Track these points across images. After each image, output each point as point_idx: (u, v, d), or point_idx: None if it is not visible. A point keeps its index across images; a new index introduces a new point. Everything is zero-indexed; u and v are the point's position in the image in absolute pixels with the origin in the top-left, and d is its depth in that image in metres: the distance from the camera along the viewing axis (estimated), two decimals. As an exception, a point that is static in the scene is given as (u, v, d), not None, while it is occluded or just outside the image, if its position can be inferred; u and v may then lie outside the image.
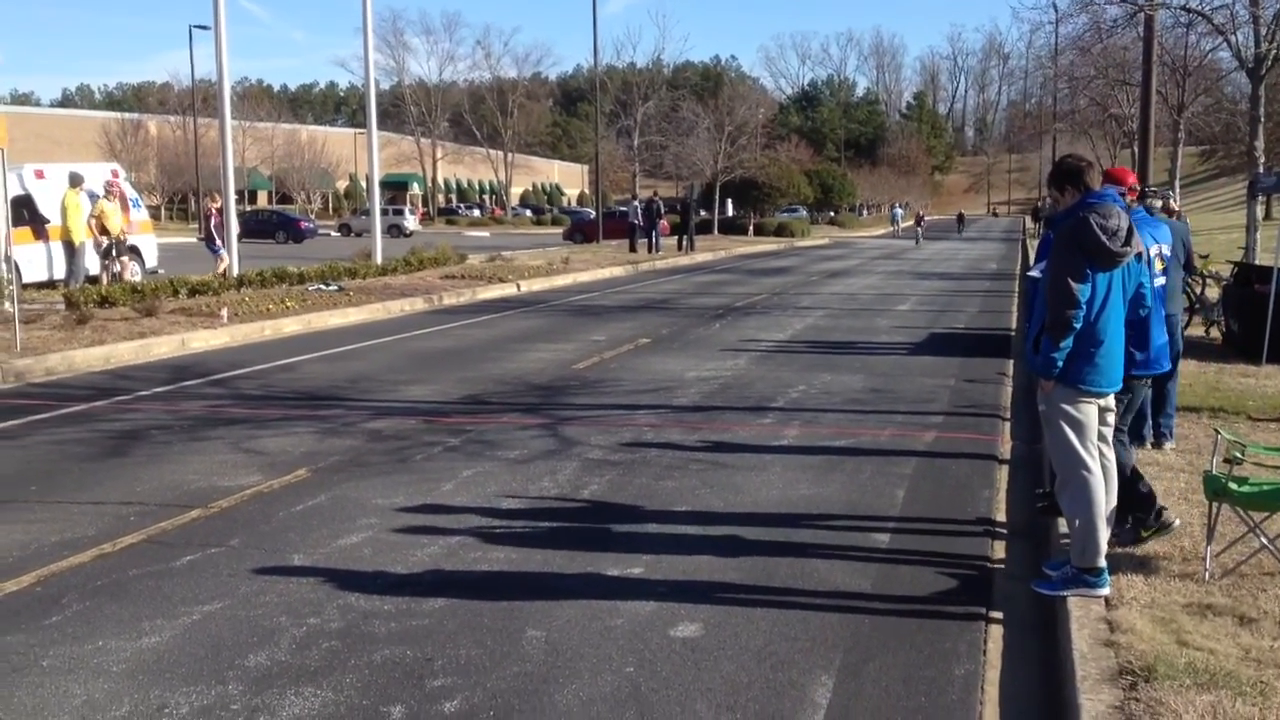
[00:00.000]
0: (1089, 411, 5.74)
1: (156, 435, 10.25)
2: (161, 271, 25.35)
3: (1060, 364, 5.64)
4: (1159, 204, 9.49)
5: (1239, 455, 6.06)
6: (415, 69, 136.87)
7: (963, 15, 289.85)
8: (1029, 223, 77.45)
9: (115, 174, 25.22)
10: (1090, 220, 5.61)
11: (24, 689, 4.93)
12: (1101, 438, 5.88)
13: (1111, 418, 6.00)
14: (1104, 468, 5.83)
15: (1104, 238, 5.56)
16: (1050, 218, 6.71)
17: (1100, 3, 21.02)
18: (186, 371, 14.00)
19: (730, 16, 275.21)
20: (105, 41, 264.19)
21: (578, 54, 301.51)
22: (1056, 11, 34.24)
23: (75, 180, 21.94)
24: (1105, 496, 5.79)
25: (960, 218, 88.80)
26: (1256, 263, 19.03)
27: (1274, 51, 19.88)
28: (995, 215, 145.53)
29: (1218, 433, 6.49)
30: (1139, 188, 6.89)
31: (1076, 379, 5.67)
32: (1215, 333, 16.63)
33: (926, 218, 75.21)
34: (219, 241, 25.23)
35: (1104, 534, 5.74)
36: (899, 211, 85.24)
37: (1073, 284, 5.57)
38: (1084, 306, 5.59)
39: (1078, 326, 5.59)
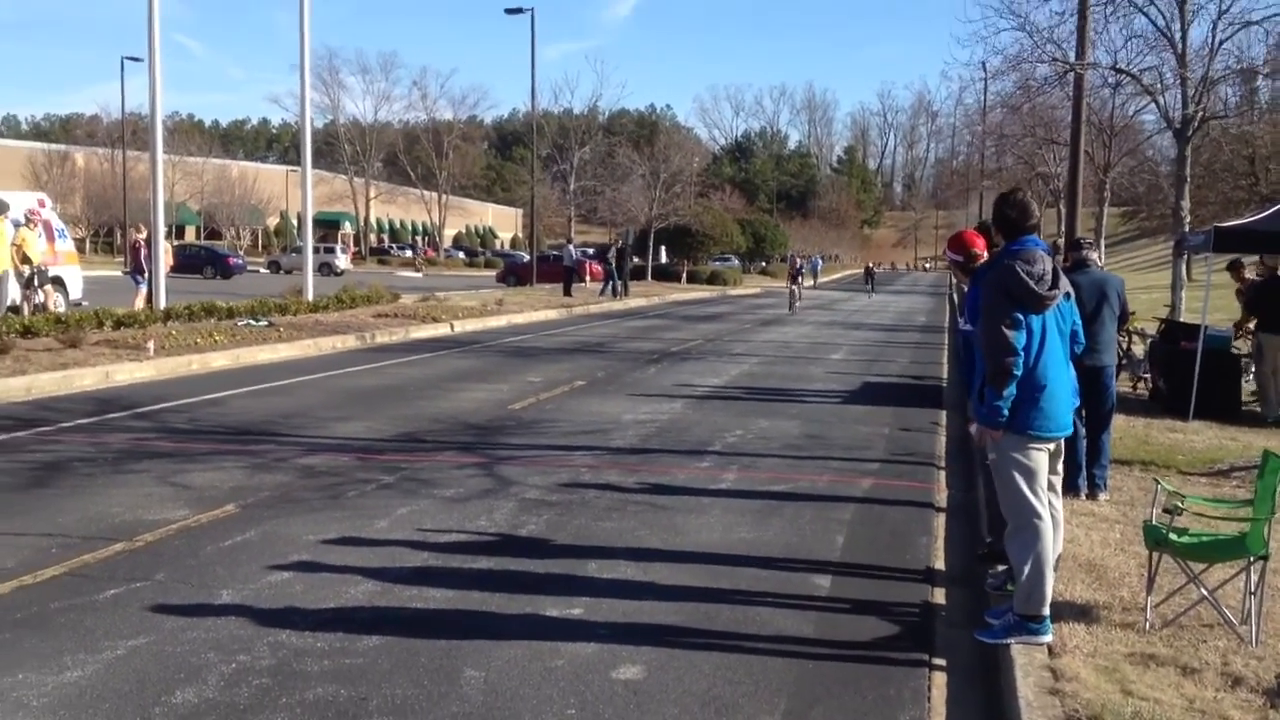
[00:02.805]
0: (1039, 459, 5.74)
1: (80, 467, 9.96)
2: (86, 303, 24.80)
3: (1006, 412, 5.64)
4: (1095, 255, 9.61)
5: (1179, 506, 6.08)
6: (350, 108, 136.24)
7: (893, 73, 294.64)
8: (954, 277, 78.30)
9: (41, 203, 24.76)
10: (1015, 267, 5.65)
11: (-64, 725, 4.71)
12: (1050, 486, 5.87)
13: (1060, 464, 6.00)
14: (1052, 516, 5.83)
15: (1030, 283, 5.60)
16: (972, 271, 6.81)
17: (1031, 62, 21.30)
18: (111, 404, 13.66)
19: (666, 66, 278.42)
20: (32, 72, 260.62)
21: (514, 98, 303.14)
22: (985, 70, 34.93)
23: (0, 208, 21.43)
24: (1053, 545, 5.79)
25: (868, 272, 72.05)
26: (1182, 320, 19.38)
27: (1200, 114, 20.36)
28: (925, 269, 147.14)
29: (1157, 483, 6.54)
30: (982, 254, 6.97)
31: (1025, 426, 5.67)
32: (1141, 388, 16.88)
33: (875, 270, 74.55)
34: (145, 272, 24.75)
35: (1050, 582, 5.73)
36: (819, 263, 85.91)
37: (1007, 332, 5.59)
38: (1021, 353, 5.61)
39: (1018, 374, 5.61)
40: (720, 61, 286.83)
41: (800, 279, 45.02)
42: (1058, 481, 5.98)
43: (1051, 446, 5.83)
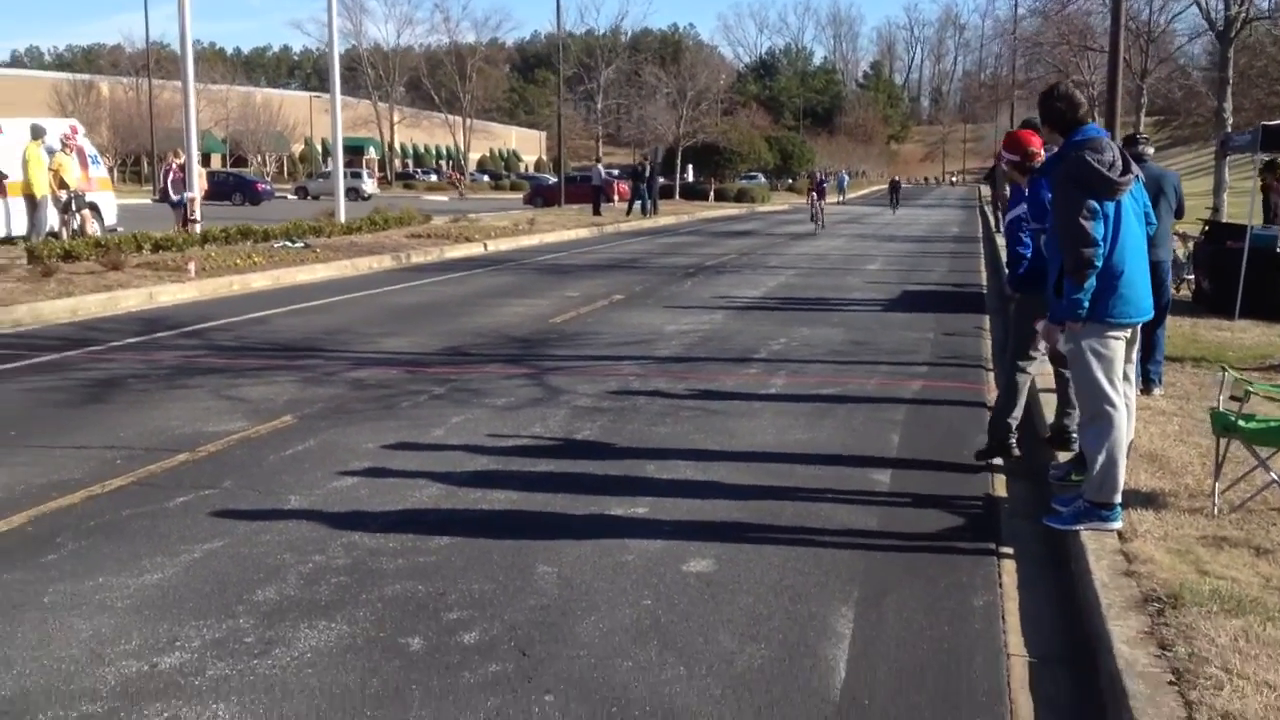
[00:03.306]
0: (1116, 347, 5.67)
1: (134, 384, 10.04)
2: (121, 229, 24.84)
3: (1086, 304, 5.55)
4: (1150, 150, 9.48)
5: (1249, 390, 6.05)
6: (372, 32, 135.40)
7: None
8: (983, 189, 77.14)
9: (74, 129, 24.67)
10: (1085, 156, 5.55)
11: (27, 625, 4.79)
12: (1125, 375, 5.82)
13: (1134, 353, 5.95)
14: (1126, 405, 5.79)
15: (1103, 169, 5.50)
16: (1031, 170, 6.73)
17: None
18: (157, 324, 13.74)
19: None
20: (53, 3, 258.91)
21: (536, 19, 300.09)
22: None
23: (37, 133, 21.43)
24: (1127, 433, 5.76)
25: (894, 186, 65.76)
26: (1224, 221, 19.16)
27: (1243, 14, 19.94)
28: (952, 184, 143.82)
29: (1224, 369, 6.50)
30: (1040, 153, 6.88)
31: (1104, 314, 5.59)
32: (1185, 290, 16.73)
33: (901, 184, 69.28)
34: (177, 195, 24.73)
35: (1123, 470, 5.71)
36: (845, 178, 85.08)
37: (1085, 223, 5.48)
38: (1101, 243, 5.51)
39: (1099, 265, 5.51)
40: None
41: (823, 194, 40.39)
42: (1131, 371, 5.93)
43: (1129, 333, 5.76)
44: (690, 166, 73.44)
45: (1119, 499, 5.71)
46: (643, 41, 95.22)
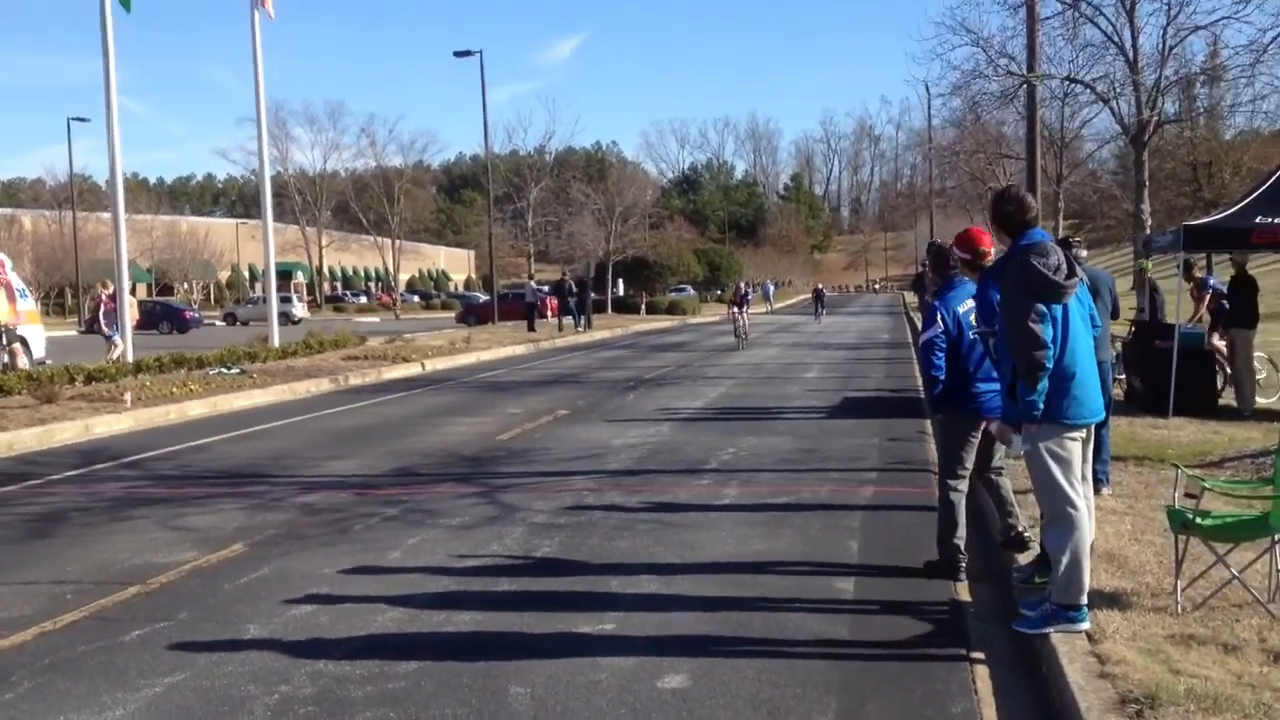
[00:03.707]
0: (1073, 448, 5.76)
1: (77, 517, 9.82)
2: (50, 361, 24.48)
3: (1040, 406, 5.65)
4: (1084, 253, 9.74)
5: (1204, 487, 6.16)
6: (299, 158, 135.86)
7: (834, 100, 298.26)
8: (908, 296, 78.19)
9: (1, 264, 24.45)
10: (1031, 260, 5.70)
11: (-12, 769, 4.62)
12: (1082, 475, 5.91)
13: (1090, 452, 6.04)
14: (1086, 505, 5.86)
15: (1049, 274, 5.65)
16: (981, 268, 6.89)
17: (986, 75, 21.58)
18: (96, 455, 13.49)
19: (610, 105, 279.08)
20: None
21: (460, 141, 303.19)
22: (929, 92, 35.38)
23: (-35, 267, 21.21)
24: (1088, 533, 5.83)
25: (818, 295, 64.20)
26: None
27: (1155, 119, 20.70)
28: (875, 290, 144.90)
29: (1176, 467, 6.62)
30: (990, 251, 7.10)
31: (1059, 415, 5.69)
32: (1115, 389, 17.04)
33: (825, 292, 67.56)
34: (109, 328, 24.55)
35: (1087, 570, 5.77)
36: (771, 288, 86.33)
37: (1034, 327, 5.60)
38: (1051, 346, 5.64)
39: (1050, 367, 5.63)
40: (663, 96, 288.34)
41: (747, 306, 36.19)
42: (1088, 471, 6.02)
43: (1084, 434, 5.87)
44: (620, 281, 74.14)
45: (1085, 599, 5.76)
46: (568, 160, 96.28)
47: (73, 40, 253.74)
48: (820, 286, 66.62)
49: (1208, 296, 17.05)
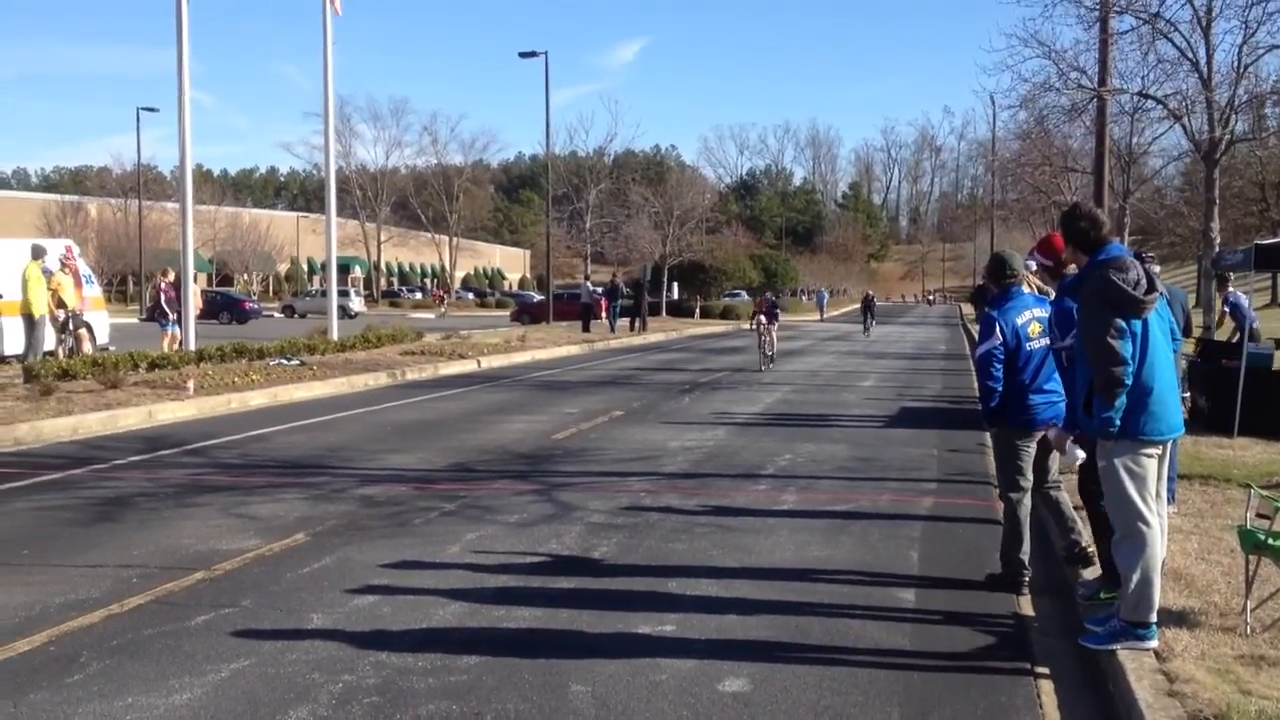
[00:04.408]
0: (1149, 465, 5.69)
1: (143, 502, 9.96)
2: (113, 348, 24.85)
3: (1118, 422, 5.58)
4: (1157, 269, 9.62)
5: (1277, 508, 6.06)
6: (361, 154, 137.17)
7: (896, 109, 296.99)
8: (965, 309, 77.26)
9: (70, 249, 24.86)
10: (1110, 275, 5.63)
11: (59, 746, 4.70)
12: (1157, 493, 5.83)
13: (1164, 469, 5.96)
14: (1159, 523, 5.78)
15: (1128, 289, 5.57)
16: (1062, 276, 6.79)
17: (1057, 89, 21.35)
18: (159, 442, 13.67)
19: (671, 108, 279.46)
20: (40, 126, 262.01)
21: (520, 141, 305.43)
22: (994, 103, 35.05)
23: (38, 253, 21.57)
24: (1160, 551, 5.76)
25: (867, 303, 55.08)
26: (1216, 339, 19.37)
27: (1226, 137, 20.42)
28: (930, 303, 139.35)
29: (1250, 488, 6.52)
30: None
31: (1136, 431, 5.61)
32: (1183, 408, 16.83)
33: (875, 301, 57.45)
34: (171, 316, 24.90)
35: (1158, 589, 5.70)
36: (825, 296, 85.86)
37: (1113, 342, 5.53)
38: (1130, 362, 5.56)
39: (1129, 383, 5.55)
40: (724, 102, 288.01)
41: (773, 323, 28.25)
42: (1163, 488, 5.94)
43: (1161, 450, 5.79)
44: (675, 284, 74.16)
45: (1154, 618, 5.69)
46: (628, 162, 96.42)
47: (143, 31, 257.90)
48: (870, 294, 58.06)
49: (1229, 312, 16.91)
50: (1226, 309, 16.98)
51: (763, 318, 27.92)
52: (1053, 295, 7.04)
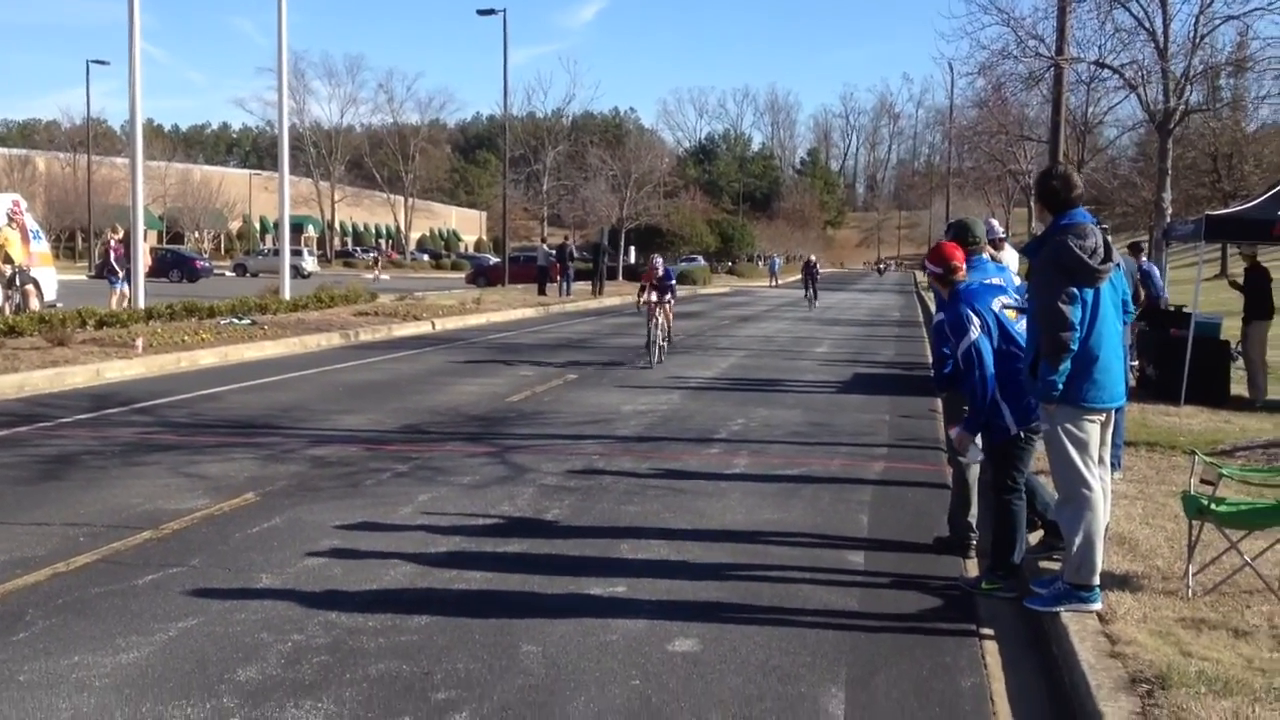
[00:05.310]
0: (1091, 430, 5.77)
1: (89, 460, 9.87)
2: (60, 305, 24.54)
3: (1060, 386, 5.65)
4: (1145, 257, 9.72)
5: (1221, 474, 6.16)
6: (315, 111, 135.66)
7: (855, 76, 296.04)
8: (919, 276, 77.39)
9: (17, 204, 24.49)
10: (1068, 242, 5.68)
11: (5, 703, 4.66)
12: (1100, 459, 5.91)
13: (1109, 436, 6.04)
14: (1102, 487, 5.87)
15: (1084, 256, 5.63)
16: (952, 283, 6.73)
17: (1015, 57, 21.38)
18: (107, 400, 13.53)
19: (629, 70, 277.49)
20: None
21: (478, 101, 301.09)
22: (953, 71, 35.16)
23: (-19, 207, 21.25)
24: (1103, 515, 5.84)
25: (809, 270, 47.17)
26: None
27: (1181, 107, 20.58)
28: (880, 271, 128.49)
29: (1194, 454, 6.62)
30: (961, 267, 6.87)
31: (1079, 398, 5.70)
32: (1130, 376, 17.03)
33: (818, 268, 49.11)
34: (120, 273, 24.61)
35: (1100, 552, 5.79)
36: (778, 262, 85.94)
37: (1064, 308, 5.60)
38: (1078, 328, 5.63)
39: (1074, 348, 5.62)
40: (683, 65, 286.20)
41: (670, 298, 20.26)
42: (1107, 454, 6.02)
43: (1103, 417, 5.87)
44: (632, 248, 74.07)
45: (1097, 580, 5.78)
46: (586, 125, 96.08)
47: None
48: (813, 260, 49.71)
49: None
50: (1137, 277, 17.14)
51: (653, 294, 19.91)
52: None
